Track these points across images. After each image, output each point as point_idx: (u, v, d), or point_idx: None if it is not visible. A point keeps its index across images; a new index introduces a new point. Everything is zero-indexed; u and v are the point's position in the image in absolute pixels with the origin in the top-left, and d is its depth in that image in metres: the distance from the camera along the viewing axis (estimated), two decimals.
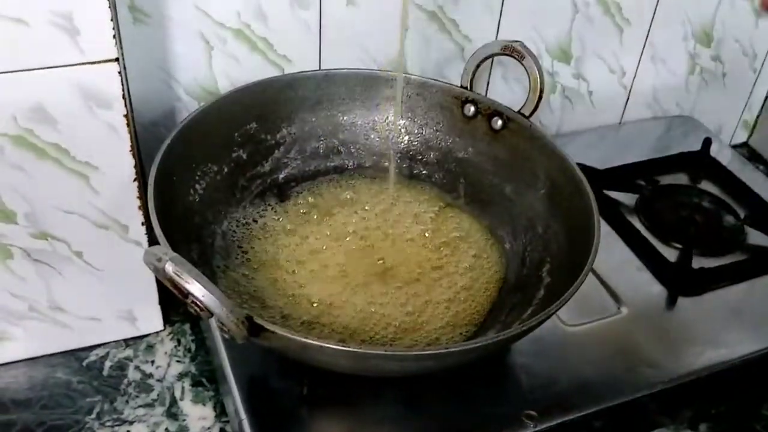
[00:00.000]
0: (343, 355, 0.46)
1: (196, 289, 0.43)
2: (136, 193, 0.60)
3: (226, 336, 0.47)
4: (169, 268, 0.43)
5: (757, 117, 0.99)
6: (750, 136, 1.00)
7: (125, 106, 0.57)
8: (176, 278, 0.43)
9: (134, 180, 0.60)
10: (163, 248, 0.45)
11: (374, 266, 0.65)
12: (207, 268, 0.59)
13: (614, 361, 0.62)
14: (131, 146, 0.58)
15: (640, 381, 0.60)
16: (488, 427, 0.56)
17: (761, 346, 0.64)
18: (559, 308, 0.51)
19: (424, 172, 0.72)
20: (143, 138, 0.69)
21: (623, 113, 0.92)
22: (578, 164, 0.63)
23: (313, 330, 0.58)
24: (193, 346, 0.69)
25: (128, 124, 0.57)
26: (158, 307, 0.68)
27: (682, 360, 0.62)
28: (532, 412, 0.56)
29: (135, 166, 0.59)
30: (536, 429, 0.56)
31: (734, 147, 0.96)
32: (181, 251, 0.53)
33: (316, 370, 0.57)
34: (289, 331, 0.46)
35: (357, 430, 0.56)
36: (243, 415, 0.56)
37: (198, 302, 0.45)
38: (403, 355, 0.48)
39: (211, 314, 0.46)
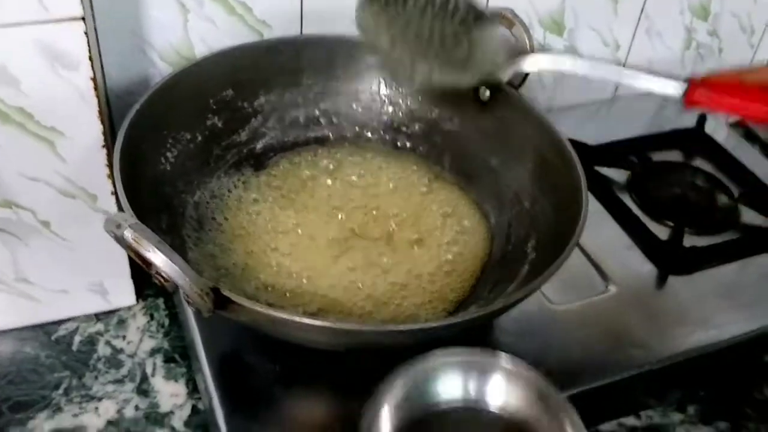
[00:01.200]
0: (313, 329, 0.44)
1: (157, 257, 0.41)
2: (105, 161, 0.58)
3: (192, 308, 0.45)
4: (129, 235, 0.40)
5: None
6: None
7: (92, 68, 0.54)
8: (136, 246, 0.41)
9: (102, 147, 0.58)
10: (124, 215, 0.42)
11: (356, 239, 0.62)
12: (177, 238, 0.57)
13: (601, 341, 0.60)
14: (99, 111, 0.56)
15: (627, 361, 0.59)
16: None
17: (752, 327, 0.62)
18: (543, 283, 0.49)
19: (408, 144, 0.70)
20: (117, 106, 0.67)
21: (617, 88, 0.89)
22: (569, 140, 0.60)
23: (291, 302, 0.56)
24: (166, 321, 0.67)
25: (95, 88, 0.55)
26: (130, 281, 0.66)
27: (671, 340, 0.61)
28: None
29: (103, 133, 0.57)
30: None
31: (730, 126, 0.93)
32: (149, 221, 0.51)
33: (290, 345, 0.55)
34: (256, 304, 0.43)
35: (332, 407, 0.54)
36: (213, 392, 0.54)
37: (161, 272, 0.42)
38: (378, 330, 0.46)
39: (176, 285, 0.43)
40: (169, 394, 0.62)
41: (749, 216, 0.73)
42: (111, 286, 0.66)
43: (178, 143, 0.60)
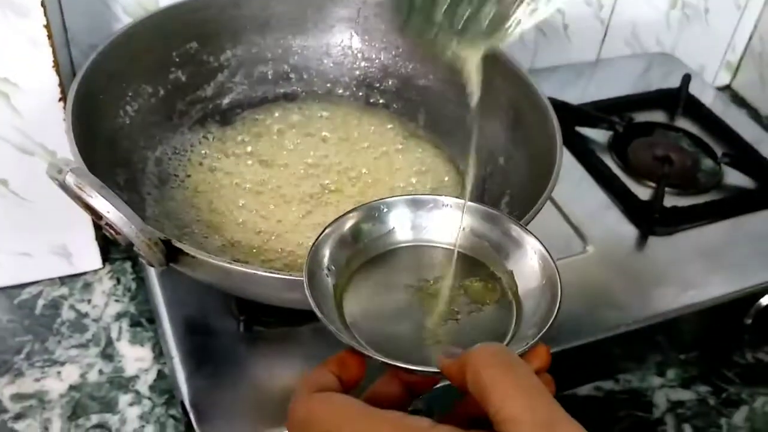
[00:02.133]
0: (266, 281, 0.42)
1: (100, 203, 0.38)
2: (62, 115, 0.56)
3: (144, 262, 0.43)
4: (70, 180, 0.38)
5: (741, 58, 0.94)
6: (733, 78, 0.96)
7: (45, 15, 0.52)
8: (79, 192, 0.39)
9: (59, 100, 0.55)
10: (66, 159, 0.40)
11: (326, 195, 0.60)
12: (136, 195, 0.55)
13: (577, 302, 0.58)
14: (54, 61, 0.54)
15: (603, 323, 0.57)
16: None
17: (732, 288, 0.61)
18: None
19: (381, 100, 0.68)
20: (80, 63, 0.64)
21: (600, 49, 0.87)
22: (549, 98, 0.58)
23: (257, 259, 0.54)
24: (133, 286, 0.66)
25: (49, 36, 0.53)
26: (95, 243, 0.65)
27: (649, 302, 0.59)
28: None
29: (60, 85, 0.55)
30: None
31: (717, 88, 0.92)
32: (105, 175, 0.49)
33: (253, 307, 0.53)
34: (207, 256, 0.42)
35: (296, 367, 0.53)
36: (175, 353, 0.53)
37: (109, 222, 0.40)
38: None
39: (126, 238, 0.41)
40: (135, 358, 0.60)
41: (732, 177, 0.71)
42: (75, 250, 0.64)
43: (139, 97, 0.58)
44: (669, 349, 0.64)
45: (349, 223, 0.42)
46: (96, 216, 0.41)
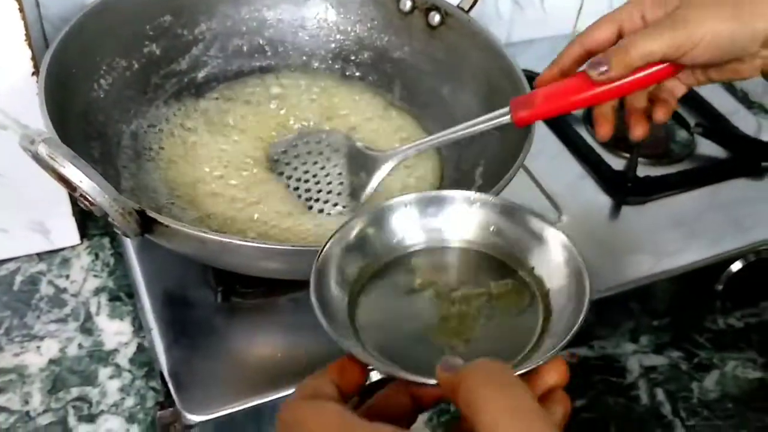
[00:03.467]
0: (240, 250, 0.42)
1: (73, 173, 0.39)
2: (36, 90, 0.55)
3: (120, 233, 0.43)
4: (43, 150, 0.39)
5: None
6: None
7: None
8: (51, 162, 0.39)
9: (33, 74, 0.55)
10: (38, 130, 0.40)
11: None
12: (111, 168, 0.55)
13: None
14: (26, 35, 0.54)
15: None
16: None
17: (703, 255, 0.62)
18: None
19: (357, 73, 0.68)
20: (53, 37, 0.64)
21: (576, 22, 0.87)
22: (525, 71, 0.58)
23: (233, 228, 0.54)
24: (112, 261, 0.66)
25: (21, 10, 0.52)
26: (72, 219, 0.64)
27: (622, 269, 0.60)
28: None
29: (32, 59, 0.55)
30: None
31: None
32: (80, 148, 0.49)
33: (230, 278, 0.54)
34: (183, 225, 0.42)
35: (274, 338, 0.53)
36: (153, 325, 0.53)
37: (83, 192, 0.41)
38: (311, 249, 0.45)
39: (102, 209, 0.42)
40: (114, 332, 0.61)
41: (705, 147, 0.72)
42: (53, 226, 0.64)
43: (113, 70, 0.58)
44: (642, 316, 0.65)
45: (356, 229, 0.39)
46: (70, 187, 0.41)
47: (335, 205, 0.57)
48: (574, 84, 0.50)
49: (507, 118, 0.51)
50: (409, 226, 0.41)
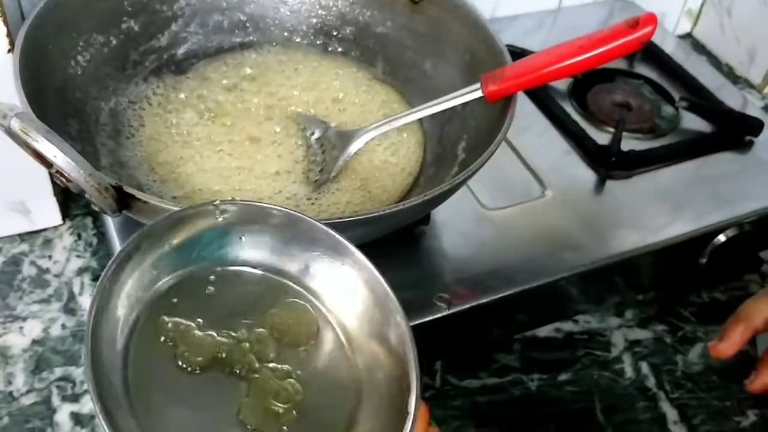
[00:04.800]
0: None
1: (46, 147, 0.38)
2: (12, 68, 0.54)
3: (97, 209, 0.43)
4: (15, 124, 0.38)
5: (702, 6, 0.94)
6: (694, 26, 0.96)
7: None
8: (24, 137, 0.38)
9: (8, 52, 0.54)
10: (10, 104, 0.40)
11: (288, 140, 0.60)
12: (89, 146, 0.54)
13: (535, 245, 0.59)
14: (1, 12, 0.53)
15: (561, 264, 0.58)
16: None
17: (688, 229, 0.62)
18: (468, 178, 0.48)
19: (339, 49, 0.67)
20: (29, 13, 0.63)
21: None
22: (509, 46, 0.58)
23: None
24: (94, 241, 0.65)
25: None
26: (54, 199, 0.64)
27: (606, 243, 0.60)
28: (445, 295, 0.54)
29: (8, 35, 0.54)
30: (450, 312, 0.53)
31: (678, 37, 0.92)
32: (57, 125, 0.48)
33: None
34: (161, 201, 0.41)
35: None
36: None
37: (58, 168, 0.40)
38: None
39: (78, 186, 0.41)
40: None
41: (689, 121, 0.72)
42: (34, 206, 0.63)
43: (90, 47, 0.57)
44: (627, 290, 0.65)
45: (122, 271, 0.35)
46: (45, 163, 0.41)
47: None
48: (543, 58, 0.52)
49: (478, 93, 0.52)
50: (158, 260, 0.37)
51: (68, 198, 0.67)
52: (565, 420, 0.57)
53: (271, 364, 0.36)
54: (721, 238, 0.63)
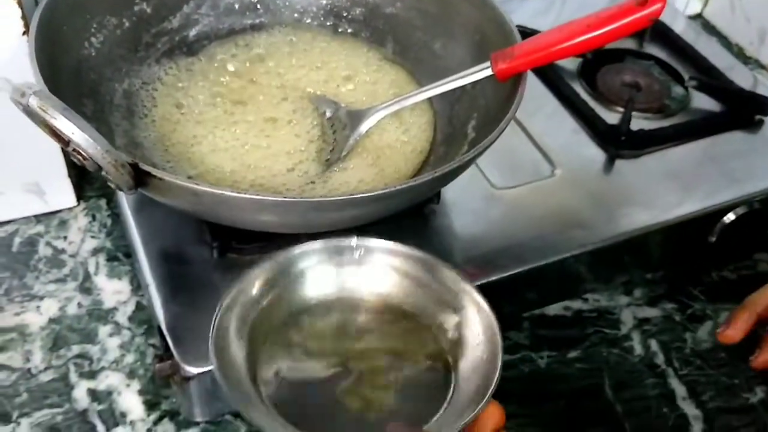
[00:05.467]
0: (236, 202, 0.42)
1: (64, 125, 0.39)
2: (27, 50, 0.55)
3: (114, 186, 0.44)
4: (34, 102, 0.39)
5: None
6: (704, 6, 0.96)
7: None
8: (42, 114, 0.39)
9: (23, 34, 0.55)
10: (28, 82, 0.40)
11: (297, 118, 0.61)
12: (104, 126, 0.55)
13: (544, 223, 0.59)
14: None
15: (570, 242, 0.58)
16: None
17: (697, 207, 0.62)
18: (479, 155, 0.48)
19: (349, 30, 0.67)
20: None
21: None
22: (519, 27, 0.58)
23: (227, 183, 0.55)
24: (108, 222, 0.66)
25: None
26: (68, 181, 0.65)
27: (615, 221, 0.60)
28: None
29: (22, 18, 0.54)
30: None
31: (688, 17, 0.92)
32: (71, 105, 0.48)
33: (226, 234, 0.54)
34: (176, 177, 0.42)
35: None
36: (150, 280, 0.54)
37: (75, 146, 0.41)
38: (303, 201, 0.45)
39: (94, 162, 0.42)
40: (113, 291, 0.61)
41: (699, 101, 0.72)
42: (48, 187, 0.64)
43: (104, 28, 0.58)
44: (636, 269, 0.65)
45: (258, 280, 0.39)
46: (62, 141, 0.41)
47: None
48: (553, 36, 0.52)
49: (488, 71, 0.52)
50: (315, 276, 0.40)
51: (82, 180, 0.68)
52: (575, 396, 0.58)
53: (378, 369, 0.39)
54: (731, 216, 0.63)
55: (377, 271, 0.41)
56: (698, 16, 0.96)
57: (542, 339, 0.61)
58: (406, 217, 0.57)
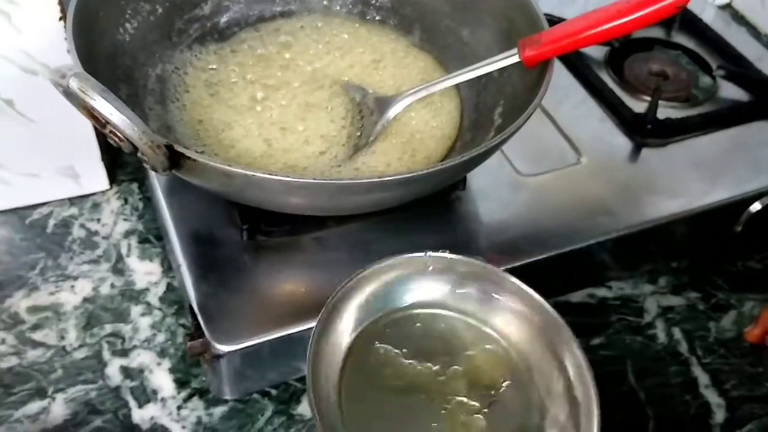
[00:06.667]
0: (269, 185, 0.43)
1: (103, 106, 0.40)
2: (64, 34, 0.57)
3: (149, 167, 0.45)
4: (74, 84, 0.40)
5: None
6: None
7: None
8: (81, 95, 0.40)
9: (60, 19, 0.56)
10: (68, 64, 0.42)
11: (327, 103, 0.61)
12: (138, 109, 0.56)
13: (569, 210, 0.60)
14: None
15: (595, 229, 0.59)
16: None
17: (723, 196, 0.62)
18: (506, 140, 0.49)
19: (377, 17, 0.68)
20: None
21: None
22: (546, 15, 0.58)
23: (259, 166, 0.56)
24: (140, 205, 0.68)
25: None
26: (101, 164, 0.66)
27: (640, 209, 0.60)
28: (480, 258, 0.55)
29: (59, 3, 0.56)
30: None
31: (718, 7, 0.91)
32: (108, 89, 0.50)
33: (255, 216, 0.55)
34: (210, 159, 0.43)
35: (297, 274, 0.55)
36: (182, 261, 0.55)
37: (113, 128, 0.42)
38: (334, 183, 0.46)
39: (130, 144, 0.43)
40: (144, 272, 0.63)
41: (727, 90, 0.72)
42: (82, 170, 0.66)
43: (138, 14, 0.59)
44: (660, 257, 0.65)
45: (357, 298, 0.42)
46: (99, 122, 0.43)
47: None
48: (581, 23, 0.53)
49: (515, 58, 0.53)
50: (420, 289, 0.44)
51: (115, 164, 0.69)
52: (597, 382, 0.57)
53: (462, 398, 0.41)
54: (757, 206, 0.63)
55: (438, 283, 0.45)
56: (727, 6, 0.96)
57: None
58: (433, 203, 0.57)
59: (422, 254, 0.44)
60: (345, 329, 0.42)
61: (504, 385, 0.42)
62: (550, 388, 0.42)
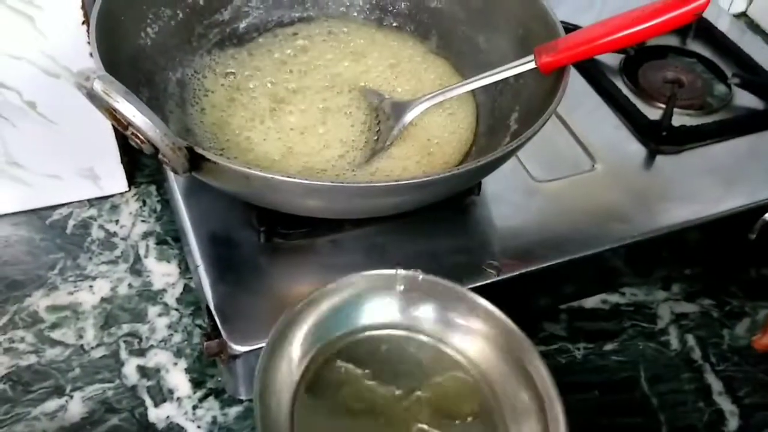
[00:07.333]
0: (287, 187, 0.44)
1: (126, 108, 0.41)
2: (86, 38, 0.58)
3: (169, 169, 0.46)
4: (98, 86, 0.41)
5: None
6: (749, 4, 0.95)
7: None
8: (105, 97, 0.41)
9: (83, 23, 0.57)
10: (92, 67, 0.42)
11: (346, 108, 0.62)
12: (158, 113, 0.56)
13: (584, 216, 0.60)
14: None
15: (609, 235, 0.59)
16: (450, 277, 0.55)
17: (737, 204, 0.62)
18: (521, 145, 0.49)
19: (395, 23, 0.69)
20: None
21: None
22: (562, 23, 0.59)
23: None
24: (158, 207, 0.68)
25: None
26: (120, 166, 0.67)
27: (654, 216, 0.61)
28: (494, 262, 0.55)
29: (82, 8, 0.57)
30: (498, 279, 0.55)
31: (733, 15, 0.91)
32: None
33: (272, 219, 0.56)
34: (229, 161, 0.44)
35: (313, 276, 0.55)
36: (200, 262, 0.55)
37: (135, 130, 0.43)
38: (348, 186, 0.46)
39: (152, 145, 0.44)
40: (162, 273, 0.63)
41: (742, 98, 0.72)
42: (102, 172, 0.67)
43: (159, 19, 0.60)
44: (674, 264, 0.66)
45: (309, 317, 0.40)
46: (122, 125, 0.43)
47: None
48: (597, 30, 0.53)
49: (532, 64, 0.54)
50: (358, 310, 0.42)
51: (133, 167, 0.70)
52: (610, 387, 0.59)
53: (423, 426, 0.39)
54: None
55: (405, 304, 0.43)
56: (743, 15, 0.96)
57: (579, 331, 0.61)
58: (448, 207, 0.58)
59: (392, 271, 0.43)
60: (304, 343, 0.41)
61: (469, 418, 0.40)
62: (516, 407, 0.40)
